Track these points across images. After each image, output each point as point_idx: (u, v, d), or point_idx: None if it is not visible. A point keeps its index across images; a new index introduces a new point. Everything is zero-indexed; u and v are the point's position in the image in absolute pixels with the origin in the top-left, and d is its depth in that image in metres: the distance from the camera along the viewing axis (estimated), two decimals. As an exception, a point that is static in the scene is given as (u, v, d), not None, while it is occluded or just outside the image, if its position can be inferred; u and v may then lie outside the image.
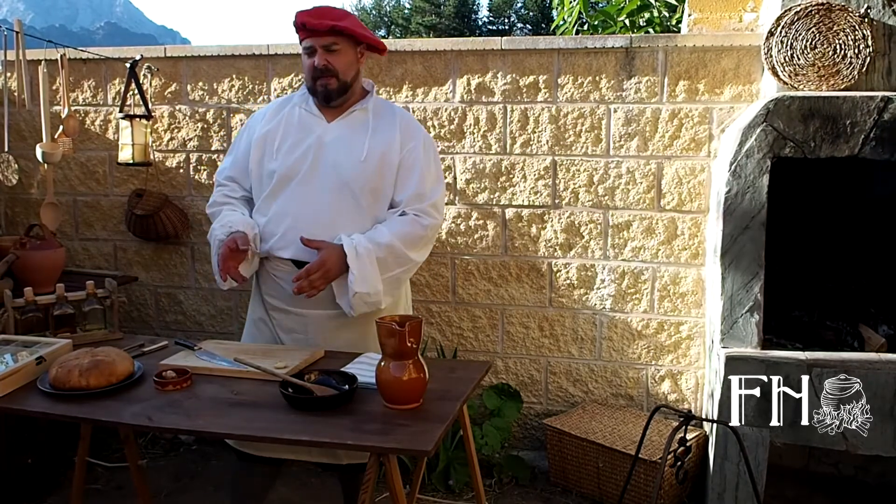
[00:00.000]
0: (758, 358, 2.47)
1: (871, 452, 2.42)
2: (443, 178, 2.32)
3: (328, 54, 2.15)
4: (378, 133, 2.21)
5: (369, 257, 2.10)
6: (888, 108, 2.40)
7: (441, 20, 28.81)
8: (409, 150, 2.22)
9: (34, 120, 3.46)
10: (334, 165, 2.17)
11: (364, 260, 2.09)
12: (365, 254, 2.09)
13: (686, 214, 3.06)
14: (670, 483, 2.73)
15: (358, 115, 2.24)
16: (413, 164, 2.21)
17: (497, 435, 3.08)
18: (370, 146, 2.18)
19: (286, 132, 2.23)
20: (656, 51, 3.02)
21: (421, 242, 2.21)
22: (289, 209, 2.19)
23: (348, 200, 2.17)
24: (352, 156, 2.18)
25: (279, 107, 2.31)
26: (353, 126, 2.22)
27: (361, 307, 2.14)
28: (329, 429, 1.67)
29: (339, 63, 2.16)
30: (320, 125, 2.22)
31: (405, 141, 2.22)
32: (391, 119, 2.25)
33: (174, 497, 3.00)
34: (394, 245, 2.14)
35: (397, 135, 2.22)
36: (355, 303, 2.12)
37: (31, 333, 2.28)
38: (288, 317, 2.26)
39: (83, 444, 2.29)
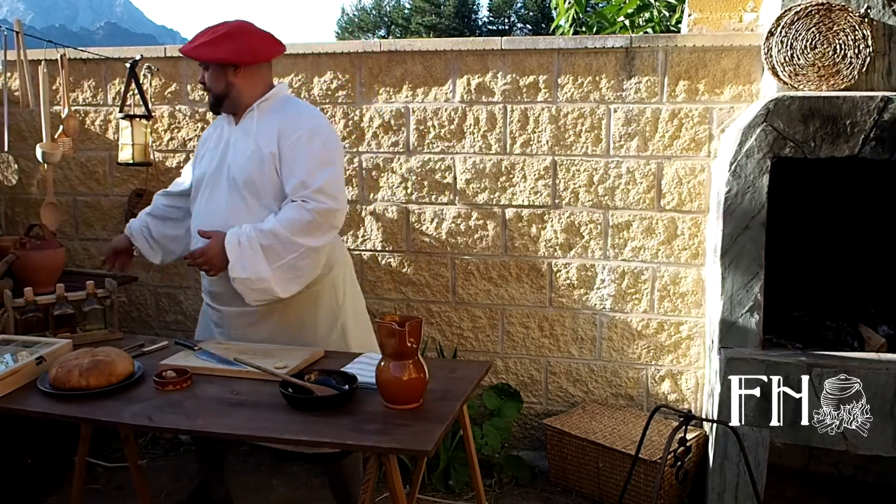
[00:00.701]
0: (758, 358, 2.47)
1: (871, 452, 2.42)
2: (335, 162, 2.33)
3: (204, 71, 2.39)
4: (261, 131, 2.33)
5: (251, 245, 2.18)
6: (888, 108, 2.40)
7: (441, 20, 28.82)
8: (290, 142, 2.28)
9: (34, 120, 3.46)
10: (228, 166, 2.35)
11: (245, 248, 2.18)
12: (247, 242, 2.19)
13: (686, 214, 3.06)
14: (670, 483, 2.73)
15: (253, 115, 2.38)
16: (294, 154, 2.28)
17: (497, 435, 3.08)
18: (247, 146, 2.32)
19: (205, 143, 2.50)
20: (656, 51, 3.02)
21: (309, 227, 2.22)
22: (198, 211, 2.41)
23: (238, 197, 2.32)
24: (239, 155, 2.33)
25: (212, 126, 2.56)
26: (245, 127, 2.37)
27: (250, 294, 2.23)
28: (329, 429, 1.67)
29: (208, 79, 2.37)
30: (228, 131, 2.42)
31: (286, 134, 2.29)
32: (279, 114, 2.35)
33: (174, 497, 3.00)
34: (276, 231, 2.20)
35: (276, 129, 2.31)
36: (239, 289, 2.22)
37: (31, 333, 2.28)
38: (213, 312, 2.46)
39: (83, 444, 2.29)
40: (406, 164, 3.30)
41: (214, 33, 2.33)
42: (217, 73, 2.34)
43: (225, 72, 2.34)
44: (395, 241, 3.36)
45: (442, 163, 3.26)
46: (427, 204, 3.31)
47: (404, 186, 3.32)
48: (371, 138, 3.32)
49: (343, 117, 3.33)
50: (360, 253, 3.40)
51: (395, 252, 3.36)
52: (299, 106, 2.44)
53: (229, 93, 2.36)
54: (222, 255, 2.18)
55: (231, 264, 2.18)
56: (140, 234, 2.56)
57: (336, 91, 3.33)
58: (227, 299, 2.36)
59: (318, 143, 2.30)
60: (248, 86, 2.37)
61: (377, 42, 3.33)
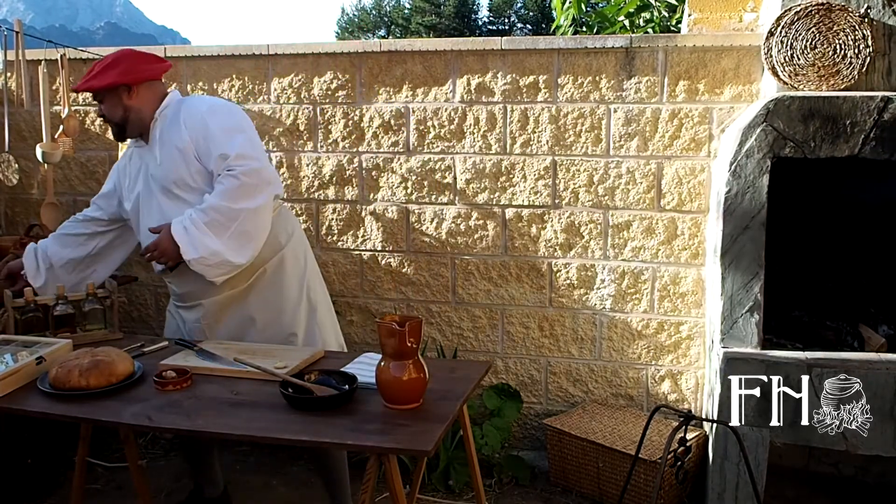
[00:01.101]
0: (758, 358, 2.47)
1: (871, 452, 2.42)
2: (244, 129, 2.40)
3: (100, 105, 2.45)
4: (167, 133, 2.39)
5: (196, 225, 2.24)
6: (888, 108, 2.40)
7: (441, 20, 28.82)
8: (196, 127, 2.34)
9: (34, 120, 3.46)
10: (152, 181, 2.42)
11: (191, 229, 2.24)
12: (191, 224, 2.24)
13: (686, 214, 3.06)
14: (670, 483, 2.73)
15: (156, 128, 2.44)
16: (204, 135, 2.33)
17: (497, 435, 3.08)
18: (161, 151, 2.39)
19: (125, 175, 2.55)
20: (656, 51, 3.02)
21: (242, 190, 2.27)
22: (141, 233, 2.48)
23: (176, 200, 2.37)
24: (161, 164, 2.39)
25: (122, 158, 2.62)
26: (154, 139, 2.44)
27: (210, 270, 2.28)
28: (329, 429, 1.67)
29: (107, 111, 2.44)
30: (144, 152, 2.48)
31: (189, 123, 2.35)
32: (176, 116, 2.41)
33: (174, 497, 3.00)
34: (214, 204, 2.26)
35: (181, 122, 2.37)
36: (198, 269, 2.27)
37: (31, 333, 2.28)
38: (185, 310, 2.49)
39: (83, 444, 2.29)
40: (406, 164, 3.30)
41: (100, 65, 2.41)
42: (112, 101, 2.41)
43: (119, 97, 2.40)
44: (395, 241, 3.36)
45: (442, 163, 3.27)
46: (427, 204, 3.31)
47: (404, 186, 3.32)
48: (371, 138, 3.32)
49: (343, 117, 3.34)
50: (360, 253, 3.40)
51: (395, 252, 3.36)
52: (193, 98, 2.54)
53: (129, 116, 2.42)
54: (173, 243, 2.24)
55: (182, 249, 2.23)
56: (31, 254, 2.58)
57: (336, 91, 3.33)
58: (197, 295, 2.42)
59: (220, 117, 2.37)
60: (144, 104, 2.43)
61: (377, 42, 3.33)
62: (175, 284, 2.49)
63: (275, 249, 2.46)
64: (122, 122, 2.44)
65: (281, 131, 3.40)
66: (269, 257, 2.45)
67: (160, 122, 2.43)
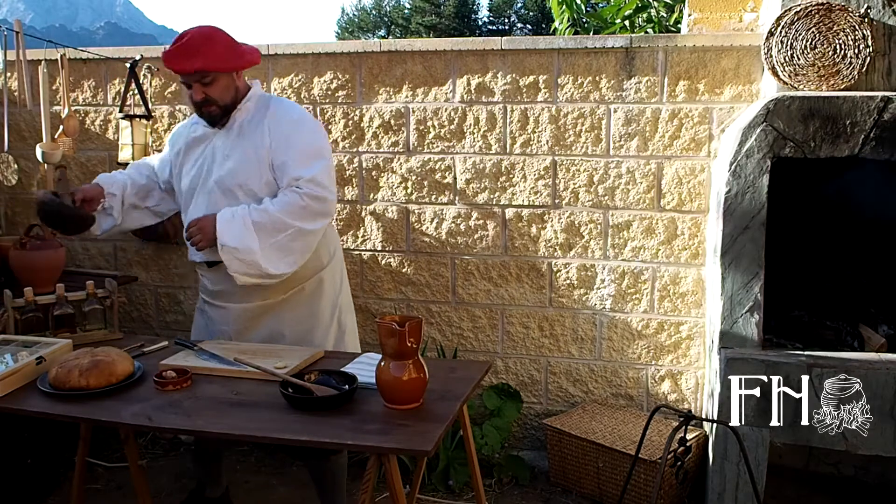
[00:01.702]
0: (758, 358, 2.47)
1: (871, 452, 2.42)
2: (325, 155, 2.38)
3: (204, 87, 2.28)
4: (247, 131, 2.34)
5: (244, 219, 2.22)
6: (888, 108, 2.40)
7: (441, 20, 28.82)
8: (277, 135, 2.31)
9: (34, 120, 3.46)
10: (218, 172, 2.34)
11: (238, 220, 2.23)
12: (240, 215, 2.23)
13: (686, 214, 3.06)
14: (670, 483, 2.73)
15: (237, 118, 2.37)
16: (282, 146, 2.30)
17: (497, 435, 3.08)
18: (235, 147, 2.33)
19: (189, 151, 2.44)
20: (656, 51, 3.02)
21: (302, 211, 2.27)
22: (192, 218, 2.37)
23: (221, 200, 2.33)
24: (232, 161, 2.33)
25: (188, 128, 2.50)
26: (231, 130, 2.37)
27: (236, 264, 2.24)
28: (329, 429, 1.67)
29: (216, 92, 2.29)
30: (209, 137, 2.41)
31: (273, 129, 2.32)
32: (263, 114, 2.36)
33: (174, 497, 3.00)
34: (269, 209, 2.25)
35: (265, 127, 2.33)
36: (226, 258, 2.22)
37: (31, 333, 2.28)
38: (213, 309, 2.47)
39: (83, 444, 2.29)
40: (406, 164, 3.30)
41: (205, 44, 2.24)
42: (227, 83, 2.30)
43: (232, 78, 2.32)
44: (395, 241, 3.36)
45: (442, 163, 3.27)
46: (427, 204, 3.31)
47: (404, 186, 3.32)
48: (371, 138, 3.32)
49: (343, 117, 3.34)
50: (360, 253, 3.40)
51: (395, 252, 3.36)
52: (281, 103, 2.45)
53: (237, 99, 2.34)
54: (213, 226, 2.23)
55: (219, 231, 2.22)
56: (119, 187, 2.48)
57: (336, 91, 3.33)
58: (229, 296, 2.39)
59: (305, 136, 2.35)
60: (241, 89, 2.37)
61: (377, 42, 3.33)
62: (209, 280, 2.44)
63: (316, 268, 2.45)
64: (233, 105, 2.33)
65: (281, 131, 3.40)
66: (310, 276, 2.44)
67: (242, 112, 2.36)
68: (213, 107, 2.31)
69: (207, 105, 2.30)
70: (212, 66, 2.24)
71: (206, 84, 2.27)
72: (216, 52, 2.24)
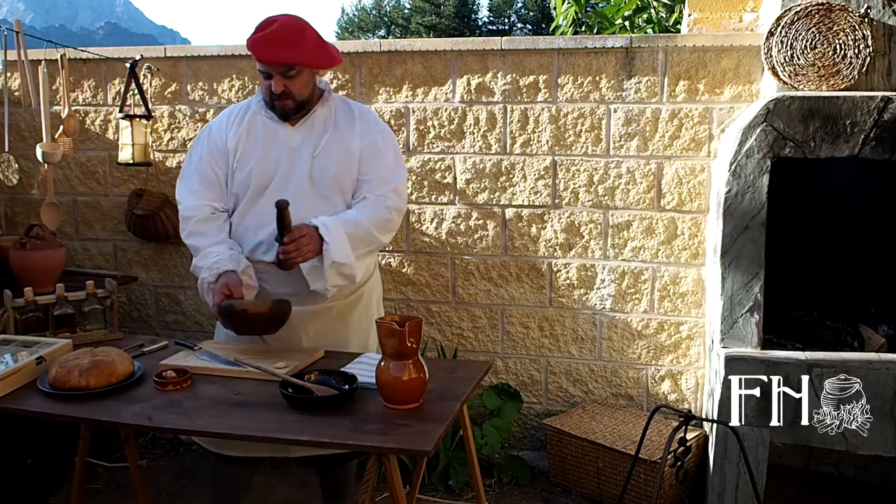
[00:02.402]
0: (758, 358, 2.47)
1: (871, 452, 2.42)
2: (403, 166, 2.40)
3: (285, 80, 2.17)
4: (339, 129, 2.29)
5: (338, 233, 2.16)
6: (888, 108, 2.40)
7: (441, 20, 28.82)
8: (368, 140, 2.29)
9: (34, 120, 3.46)
10: (304, 168, 2.24)
11: (340, 234, 2.16)
12: (340, 229, 2.16)
13: (686, 214, 3.06)
14: (670, 483, 2.73)
15: (319, 114, 2.29)
16: (373, 152, 2.28)
17: (497, 435, 3.08)
18: (329, 143, 2.26)
19: (254, 141, 2.27)
20: (656, 51, 3.02)
21: (388, 225, 2.29)
22: (266, 217, 2.19)
23: (321, 199, 2.24)
24: (318, 157, 2.25)
25: (240, 116, 2.32)
26: (314, 127, 2.28)
27: (337, 279, 2.18)
28: (329, 429, 1.67)
29: (296, 86, 2.19)
30: (285, 130, 2.27)
31: (364, 133, 2.29)
32: (349, 115, 2.32)
33: (174, 497, 3.00)
34: (361, 222, 2.21)
35: (356, 128, 2.29)
36: (331, 275, 2.16)
37: (31, 333, 2.28)
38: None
39: (83, 444, 2.29)
40: (406, 164, 3.30)
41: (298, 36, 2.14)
42: (308, 78, 2.21)
43: (314, 74, 2.25)
44: (395, 241, 3.36)
45: (442, 163, 3.27)
46: (427, 204, 3.31)
47: (404, 186, 3.32)
48: (371, 138, 3.32)
49: (343, 117, 3.33)
50: (360, 253, 3.40)
51: (395, 252, 3.36)
52: (361, 106, 2.41)
53: (314, 95, 2.27)
54: (317, 241, 2.12)
55: (331, 247, 2.12)
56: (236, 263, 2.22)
57: (336, 91, 3.32)
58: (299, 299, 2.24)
59: (393, 145, 2.36)
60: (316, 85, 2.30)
61: (377, 42, 3.32)
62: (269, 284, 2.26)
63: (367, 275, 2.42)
64: (308, 101, 2.24)
65: (281, 131, 3.40)
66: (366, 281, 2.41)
67: (325, 109, 2.29)
68: (290, 101, 2.20)
69: (283, 98, 2.19)
70: (303, 62, 2.15)
71: (288, 77, 2.16)
72: (307, 46, 2.15)
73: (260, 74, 2.22)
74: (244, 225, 2.29)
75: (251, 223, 2.27)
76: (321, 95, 2.31)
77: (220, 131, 2.32)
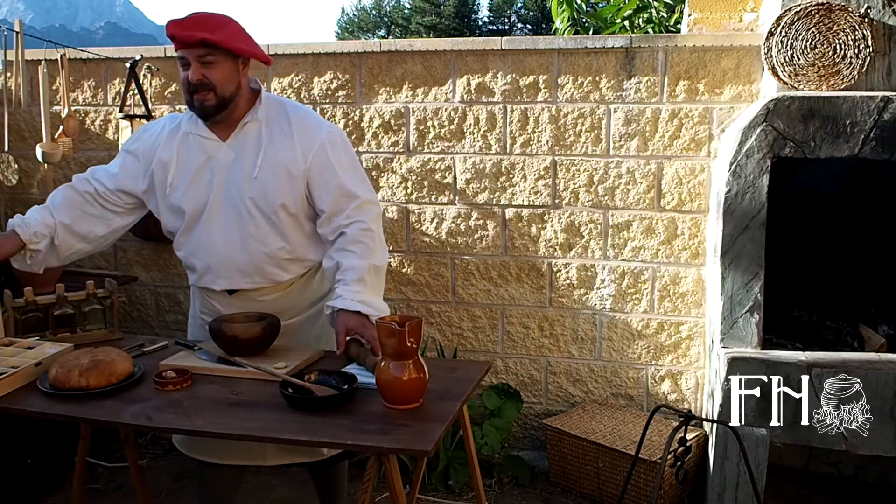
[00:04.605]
0: (758, 358, 2.47)
1: (871, 452, 2.42)
2: (359, 164, 2.24)
3: (203, 67, 2.00)
4: (273, 145, 2.11)
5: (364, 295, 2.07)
6: (888, 108, 2.40)
7: (441, 20, 28.82)
8: (314, 154, 2.11)
9: (34, 120, 3.46)
10: (236, 190, 2.10)
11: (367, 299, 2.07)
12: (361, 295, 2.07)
13: (686, 214, 3.06)
14: (670, 483, 2.73)
15: (251, 127, 2.13)
16: (324, 167, 2.11)
17: (497, 435, 3.08)
18: (265, 161, 2.10)
19: (184, 165, 2.14)
20: (656, 51, 3.02)
21: (378, 240, 2.17)
22: (203, 244, 2.15)
23: (260, 222, 2.12)
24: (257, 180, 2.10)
25: (171, 134, 2.18)
26: (246, 141, 2.12)
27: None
28: (329, 429, 1.67)
29: (216, 76, 2.01)
30: (215, 148, 2.13)
31: (306, 147, 2.11)
32: (286, 125, 2.14)
33: (174, 497, 3.00)
34: (362, 267, 2.09)
35: (297, 146, 2.11)
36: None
37: (31, 333, 2.28)
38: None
39: (83, 444, 2.28)
40: (406, 164, 3.30)
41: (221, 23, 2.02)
42: (229, 69, 2.03)
43: (237, 68, 2.06)
44: (395, 241, 3.36)
45: (442, 163, 3.26)
46: (427, 204, 3.31)
47: (404, 186, 3.32)
48: (371, 138, 3.32)
49: (343, 117, 3.33)
50: (360, 253, 3.40)
51: (395, 252, 3.36)
52: (297, 109, 2.22)
53: (236, 95, 2.08)
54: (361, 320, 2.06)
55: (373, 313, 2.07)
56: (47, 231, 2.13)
57: (336, 91, 3.33)
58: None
59: (341, 152, 2.16)
60: (245, 90, 2.11)
61: (377, 42, 3.33)
62: (222, 305, 2.23)
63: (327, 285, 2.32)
64: (231, 99, 2.06)
65: (281, 131, 3.39)
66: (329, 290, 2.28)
67: (256, 123, 2.12)
68: (210, 94, 2.03)
69: (203, 91, 2.02)
70: (219, 41, 1.98)
71: (206, 64, 2.00)
72: (227, 29, 2.01)
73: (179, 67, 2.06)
74: (186, 251, 2.21)
75: (193, 249, 2.19)
76: (254, 101, 2.14)
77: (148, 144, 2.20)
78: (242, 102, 2.11)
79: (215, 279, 2.19)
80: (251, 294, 2.21)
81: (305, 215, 2.18)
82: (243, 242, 2.13)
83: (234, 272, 2.17)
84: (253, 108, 2.13)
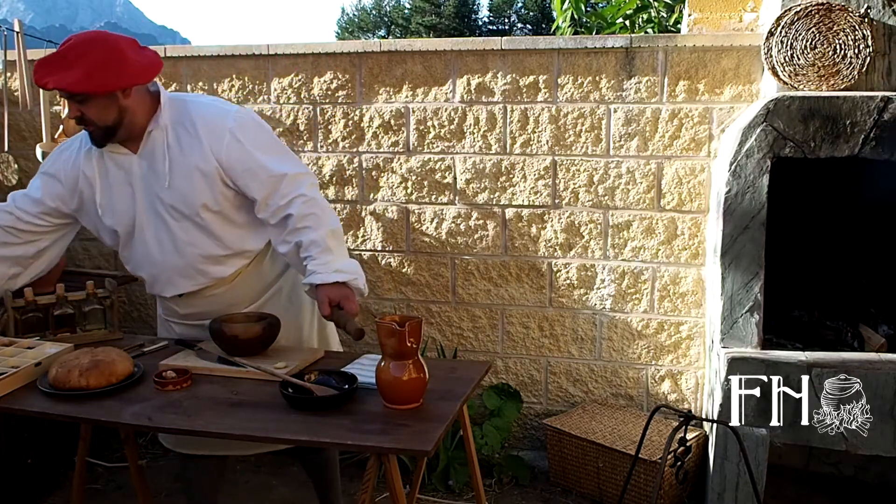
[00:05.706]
0: (758, 358, 2.47)
1: (871, 452, 2.42)
2: (277, 140, 2.22)
3: (78, 104, 1.97)
4: (181, 149, 2.08)
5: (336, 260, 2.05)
6: (888, 108, 2.40)
7: (441, 20, 28.83)
8: (226, 147, 2.06)
9: (34, 120, 3.46)
10: (157, 200, 2.10)
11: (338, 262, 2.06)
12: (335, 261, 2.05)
13: (686, 214, 3.07)
14: (670, 483, 2.73)
15: (156, 135, 2.09)
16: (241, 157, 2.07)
17: (497, 435, 3.08)
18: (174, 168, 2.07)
19: (106, 183, 2.14)
20: (656, 51, 3.02)
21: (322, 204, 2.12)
22: (142, 256, 2.19)
23: (186, 226, 2.12)
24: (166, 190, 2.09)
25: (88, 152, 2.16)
26: (155, 150, 2.09)
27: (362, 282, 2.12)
28: (329, 429, 1.67)
29: (91, 113, 1.98)
30: (129, 162, 2.11)
31: (215, 144, 2.06)
32: (190, 126, 2.08)
33: (174, 497, 3.00)
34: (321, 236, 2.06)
35: (203, 142, 2.07)
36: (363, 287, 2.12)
37: (31, 333, 2.28)
38: (187, 328, 2.32)
39: (83, 444, 2.29)
40: (406, 164, 3.30)
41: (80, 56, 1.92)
42: (105, 102, 1.97)
43: (113, 98, 1.98)
44: (395, 241, 3.36)
45: (442, 163, 3.27)
46: (427, 204, 3.31)
47: (404, 186, 3.32)
48: (371, 138, 3.32)
49: (343, 117, 3.34)
50: (360, 253, 3.40)
51: (395, 252, 3.36)
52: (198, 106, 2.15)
53: (123, 119, 2.02)
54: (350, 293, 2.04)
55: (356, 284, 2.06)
56: None
57: (336, 91, 3.33)
58: (204, 315, 2.23)
59: (252, 134, 2.11)
60: (139, 106, 2.04)
61: (377, 42, 3.33)
62: (179, 306, 2.28)
63: (284, 266, 2.32)
64: (115, 126, 2.03)
65: (281, 131, 3.40)
66: (283, 271, 2.31)
67: (161, 131, 2.08)
68: (91, 126, 2.02)
69: (85, 124, 2.02)
70: (68, 86, 1.90)
71: (79, 102, 1.96)
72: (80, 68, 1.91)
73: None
74: (132, 265, 2.26)
75: (136, 262, 2.23)
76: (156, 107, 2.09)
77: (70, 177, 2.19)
78: (139, 117, 2.06)
79: (164, 287, 2.23)
80: (201, 292, 2.23)
81: (234, 207, 2.14)
82: (177, 248, 2.15)
83: (176, 277, 2.20)
84: (154, 117, 2.08)
